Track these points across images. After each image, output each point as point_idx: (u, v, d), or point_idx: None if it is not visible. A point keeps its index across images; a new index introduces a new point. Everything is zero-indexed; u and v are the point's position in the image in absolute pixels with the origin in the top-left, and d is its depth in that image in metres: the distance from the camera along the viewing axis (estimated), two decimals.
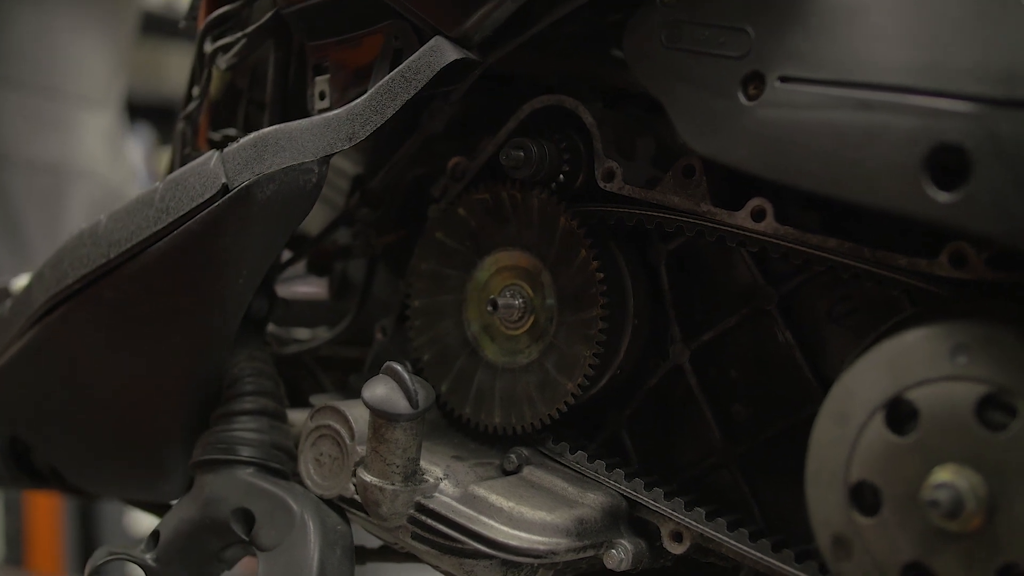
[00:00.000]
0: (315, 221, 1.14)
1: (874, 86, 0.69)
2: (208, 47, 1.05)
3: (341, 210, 1.11)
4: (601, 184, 0.89)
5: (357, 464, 0.89)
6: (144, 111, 3.32)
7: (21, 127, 1.84)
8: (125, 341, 0.99)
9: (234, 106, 1.16)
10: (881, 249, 0.76)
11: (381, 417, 0.83)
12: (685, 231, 0.86)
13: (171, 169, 1.13)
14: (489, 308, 0.92)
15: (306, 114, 0.98)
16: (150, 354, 0.99)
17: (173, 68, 3.60)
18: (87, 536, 3.39)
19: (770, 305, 0.88)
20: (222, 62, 1.03)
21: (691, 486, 0.91)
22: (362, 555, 1.03)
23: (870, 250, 0.77)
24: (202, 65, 1.06)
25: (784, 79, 0.74)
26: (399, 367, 0.84)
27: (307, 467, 0.93)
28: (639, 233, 0.92)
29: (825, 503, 0.71)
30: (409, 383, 0.83)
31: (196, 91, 1.08)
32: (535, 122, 0.94)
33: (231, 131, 1.11)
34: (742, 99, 0.76)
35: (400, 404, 0.83)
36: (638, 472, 0.89)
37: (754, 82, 0.76)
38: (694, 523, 0.85)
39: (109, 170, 1.93)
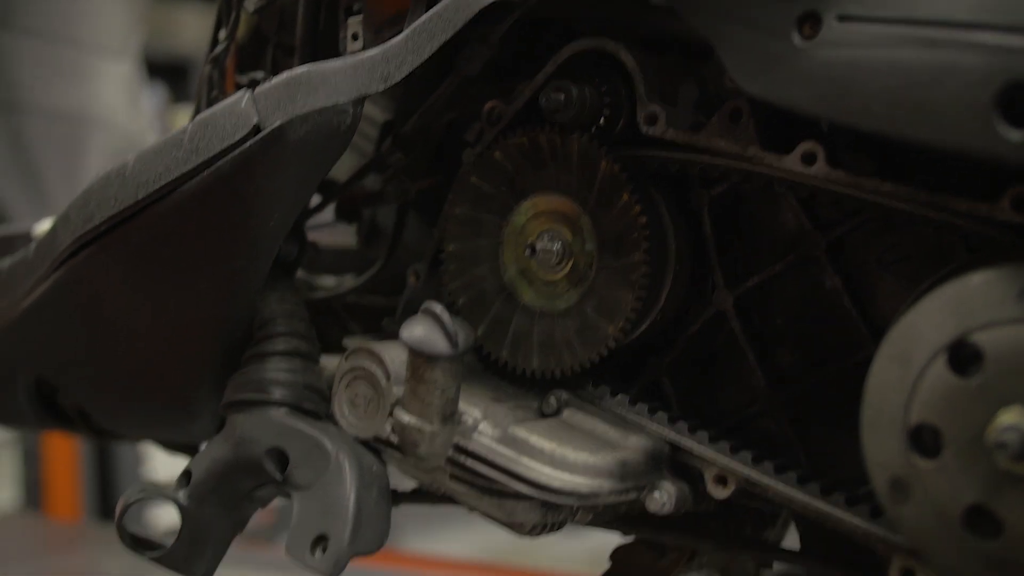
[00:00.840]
0: (342, 168, 1.12)
1: (941, 23, 0.67)
2: None
3: (371, 156, 1.09)
4: (643, 128, 0.87)
5: (394, 405, 0.87)
6: (158, 69, 3.30)
7: (40, 75, 1.82)
8: (152, 282, 0.98)
9: (260, 51, 1.14)
10: (939, 193, 0.75)
11: (420, 357, 0.82)
12: (731, 176, 0.85)
13: (196, 116, 1.11)
14: (527, 252, 0.91)
15: (336, 56, 0.96)
16: (178, 296, 0.97)
17: (186, 27, 3.58)
18: (104, 481, 3.41)
19: (818, 251, 0.86)
20: (250, 4, 1.01)
21: (734, 434, 0.90)
22: (396, 498, 1.02)
23: (927, 194, 0.75)
24: (229, 7, 1.04)
25: (843, 18, 0.72)
26: (438, 307, 0.83)
27: (342, 408, 0.92)
28: (681, 178, 0.91)
29: (883, 446, 0.69)
30: (448, 323, 0.82)
31: (223, 34, 1.05)
32: (573, 66, 0.92)
33: (259, 74, 1.09)
34: (797, 40, 0.74)
35: (440, 344, 0.81)
36: (680, 417, 0.88)
37: (809, 21, 0.74)
38: (740, 466, 0.84)
39: (127, 119, 1.91)
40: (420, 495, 1.05)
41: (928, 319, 0.67)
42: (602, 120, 0.91)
